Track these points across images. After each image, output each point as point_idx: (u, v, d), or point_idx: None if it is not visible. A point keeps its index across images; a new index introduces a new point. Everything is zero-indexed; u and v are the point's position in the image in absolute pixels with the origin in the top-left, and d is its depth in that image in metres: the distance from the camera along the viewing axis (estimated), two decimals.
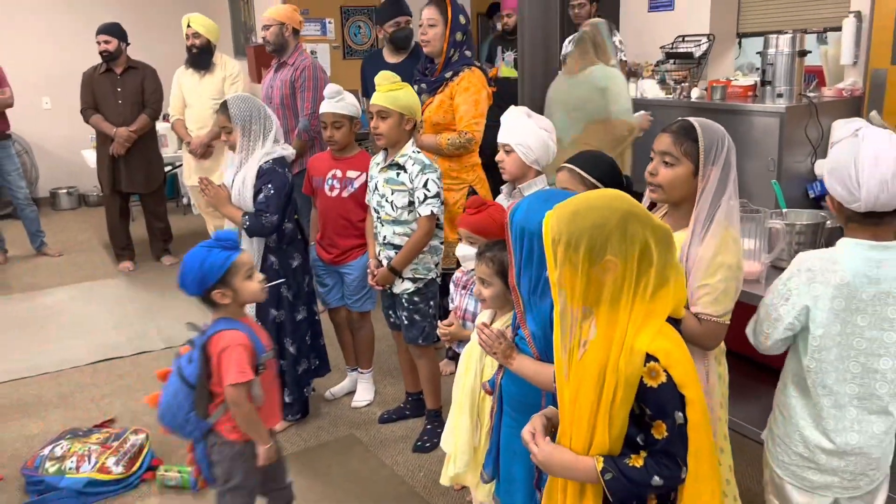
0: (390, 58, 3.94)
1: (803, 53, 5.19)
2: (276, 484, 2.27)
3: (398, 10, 4.03)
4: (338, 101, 2.99)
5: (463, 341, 2.37)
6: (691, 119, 1.77)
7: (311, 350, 3.11)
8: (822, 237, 2.55)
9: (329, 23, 7.06)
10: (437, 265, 2.85)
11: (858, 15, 5.21)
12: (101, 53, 5.07)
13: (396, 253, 2.75)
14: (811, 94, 5.30)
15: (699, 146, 1.71)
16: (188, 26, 4.87)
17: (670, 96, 5.99)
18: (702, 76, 6.41)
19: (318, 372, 3.19)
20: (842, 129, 1.69)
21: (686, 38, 6.58)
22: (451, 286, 2.53)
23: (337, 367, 3.45)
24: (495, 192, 2.96)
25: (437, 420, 3.00)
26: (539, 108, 3.62)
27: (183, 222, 6.67)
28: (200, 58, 4.90)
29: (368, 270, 2.90)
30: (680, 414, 1.29)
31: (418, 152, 2.74)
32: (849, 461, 1.68)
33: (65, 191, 7.85)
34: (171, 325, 4.32)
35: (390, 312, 2.95)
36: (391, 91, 2.70)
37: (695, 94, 5.91)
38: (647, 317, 1.30)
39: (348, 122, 3.00)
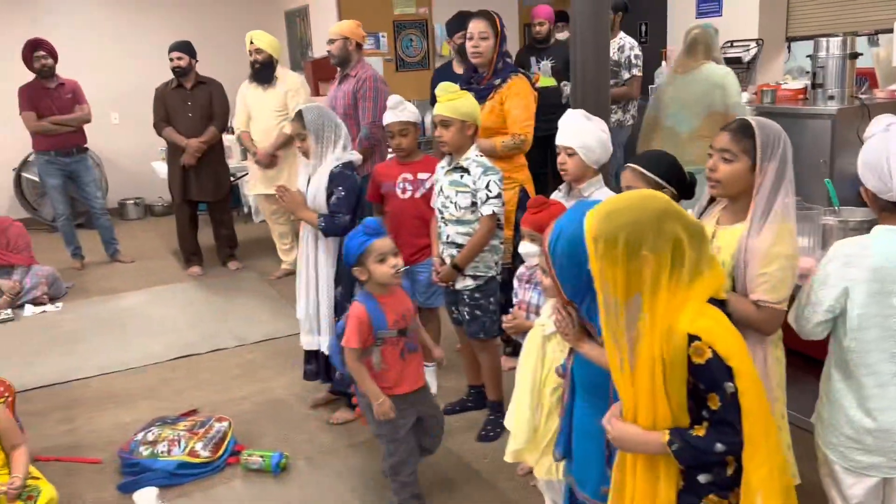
0: (459, 69, 4.13)
1: (854, 56, 5.21)
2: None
3: (465, 23, 4.22)
4: (400, 109, 3.19)
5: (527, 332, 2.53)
6: (749, 117, 1.91)
7: None
8: None
9: (382, 37, 7.30)
10: (496, 263, 3.01)
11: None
12: (173, 69, 5.38)
13: (459, 251, 2.92)
14: (863, 96, 5.31)
15: (756, 143, 1.85)
16: (251, 43, 5.15)
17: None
18: (751, 80, 6.46)
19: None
20: (874, 124, 1.81)
21: (735, 44, 6.63)
22: (515, 281, 2.69)
23: None
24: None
25: (499, 411, 3.15)
26: (592, 109, 3.82)
27: (245, 230, 6.96)
28: (263, 72, 5.17)
29: (433, 268, 3.07)
30: (730, 384, 1.42)
31: (481, 156, 2.92)
32: (894, 440, 1.78)
33: (132, 201, 8.24)
34: (241, 325, 4.57)
35: (453, 308, 3.12)
36: (451, 101, 2.88)
37: (745, 98, 5.97)
38: (685, 302, 1.44)
39: (413, 129, 3.20)
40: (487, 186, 2.84)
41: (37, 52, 5.67)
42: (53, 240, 6.67)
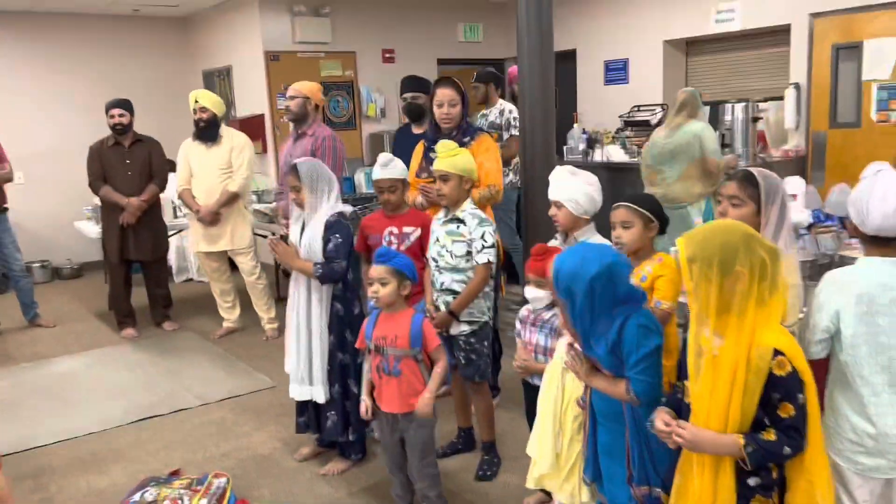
0: (418, 129, 4.35)
1: (756, 119, 5.90)
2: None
3: (408, 86, 4.48)
4: (391, 167, 3.36)
5: (537, 374, 2.73)
6: (751, 168, 2.23)
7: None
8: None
9: None
10: (489, 308, 3.20)
11: (797, 85, 5.96)
12: (114, 126, 5.30)
13: (454, 298, 3.09)
14: (762, 155, 5.99)
15: (760, 190, 2.16)
16: (195, 101, 5.18)
17: (635, 159, 6.62)
18: None
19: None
20: (868, 169, 2.18)
21: (641, 108, 7.27)
22: (518, 323, 2.89)
23: None
24: None
25: (493, 451, 3.30)
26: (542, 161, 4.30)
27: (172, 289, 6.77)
28: (208, 131, 5.20)
29: (427, 315, 3.21)
30: (801, 396, 1.68)
31: (475, 208, 3.12)
32: (891, 443, 2.08)
33: (38, 264, 7.82)
34: (198, 385, 4.49)
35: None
36: (451, 157, 3.09)
37: None
38: (767, 319, 1.70)
39: (401, 185, 3.37)
40: (482, 237, 3.05)
41: None
42: None
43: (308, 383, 3.29)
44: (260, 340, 5.35)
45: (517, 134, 5.40)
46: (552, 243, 2.98)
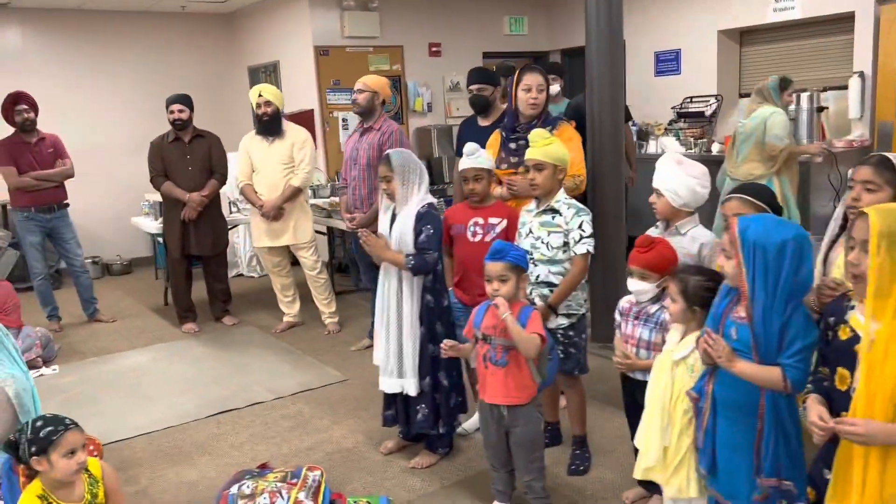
0: (484, 121, 4.30)
1: (821, 109, 5.79)
2: None
3: (474, 78, 4.42)
4: (476, 157, 3.32)
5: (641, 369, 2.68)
6: (886, 153, 2.16)
7: (458, 386, 3.35)
8: None
9: None
10: (585, 300, 3.15)
11: (861, 74, 5.84)
12: (174, 122, 5.31)
13: (550, 291, 3.05)
14: (825, 145, 5.87)
15: None
16: (259, 96, 5.17)
17: (692, 150, 6.53)
18: (713, 132, 7.00)
19: (463, 407, 3.41)
20: None
21: (694, 99, 7.18)
22: (618, 315, 2.84)
23: None
24: None
25: (584, 446, 3.26)
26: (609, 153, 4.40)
27: (235, 284, 6.80)
28: (272, 125, 5.19)
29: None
30: None
31: (570, 198, 3.08)
32: None
33: (89, 261, 7.87)
34: (268, 379, 4.48)
35: None
36: (545, 146, 3.04)
37: (715, 148, 6.49)
38: None
39: (486, 175, 3.33)
40: (580, 226, 3.00)
41: (18, 105, 5.47)
42: (21, 299, 6.29)
43: (398, 376, 3.26)
44: (322, 335, 5.34)
45: None
46: (651, 231, 2.93)
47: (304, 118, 7.40)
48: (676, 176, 2.82)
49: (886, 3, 5.67)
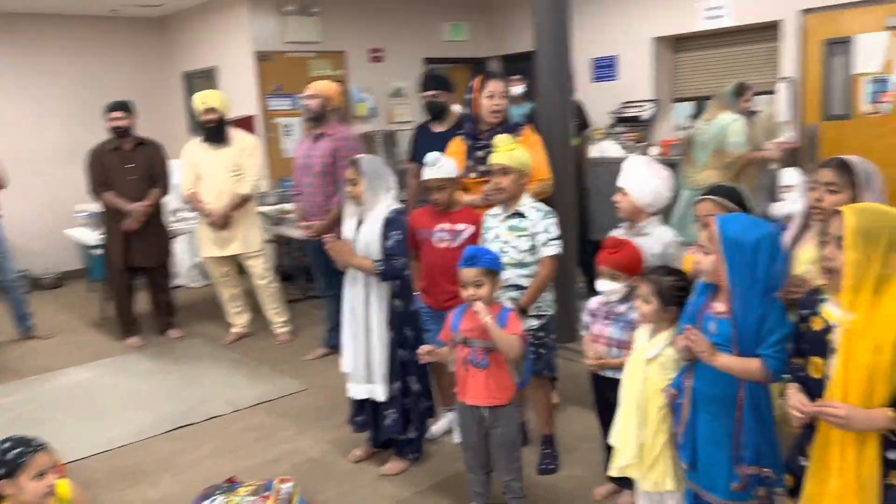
0: (439, 126, 4.32)
1: (753, 113, 6.05)
2: None
3: (429, 84, 4.43)
4: (438, 166, 3.32)
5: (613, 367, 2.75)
6: (843, 157, 2.30)
7: (428, 390, 3.36)
8: None
9: (300, 98, 7.35)
10: (553, 301, 3.22)
11: (789, 80, 6.15)
12: (114, 129, 5.14)
13: (520, 293, 3.10)
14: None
15: (856, 177, 2.23)
16: (203, 103, 5.06)
17: (631, 153, 6.73)
18: (650, 136, 7.24)
19: (432, 412, 3.43)
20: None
21: (630, 104, 7.40)
22: (587, 316, 2.91)
23: None
24: None
25: (552, 445, 3.32)
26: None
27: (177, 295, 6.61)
28: (217, 132, 5.09)
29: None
30: None
31: (535, 202, 3.14)
32: None
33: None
34: (224, 391, 4.39)
35: None
36: (510, 151, 3.09)
37: (654, 151, 6.71)
38: None
39: (450, 184, 3.34)
40: (547, 229, 3.07)
41: None
42: None
43: (367, 381, 3.25)
44: (273, 345, 5.26)
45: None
46: (616, 232, 3.02)
47: (244, 125, 7.25)
48: (644, 176, 2.92)
49: (810, 13, 5.99)
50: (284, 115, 7.29)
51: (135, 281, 5.50)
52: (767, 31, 6.37)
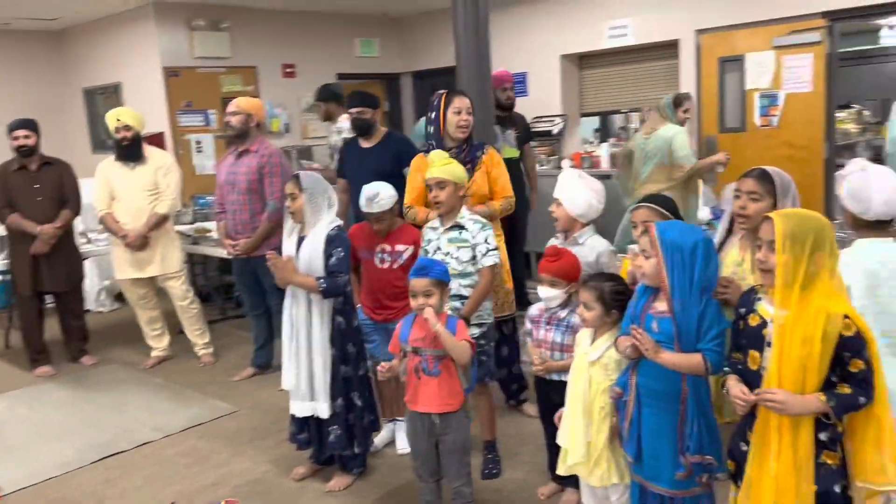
0: (366, 143, 4.36)
1: None
2: None
3: (355, 101, 4.46)
4: (376, 202, 3.34)
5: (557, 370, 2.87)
6: (765, 167, 2.50)
7: (371, 405, 3.38)
8: None
9: (212, 114, 7.23)
10: (492, 309, 3.31)
11: (688, 95, 6.52)
12: (18, 149, 4.89)
13: (462, 303, 3.18)
14: None
15: (775, 186, 2.44)
16: (117, 120, 4.90)
17: (545, 167, 6.98)
18: (560, 149, 7.52)
19: (376, 426, 3.45)
20: (852, 166, 2.51)
21: (542, 118, 7.68)
22: (528, 323, 3.02)
23: None
24: None
25: (495, 449, 3.41)
26: None
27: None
28: (132, 150, 4.93)
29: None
30: (867, 352, 1.94)
31: (473, 214, 3.23)
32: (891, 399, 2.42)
33: None
34: (151, 417, 4.25)
35: None
36: (447, 165, 3.18)
37: (566, 164, 6.98)
38: (832, 291, 1.95)
39: (388, 214, 3.39)
40: (486, 240, 3.16)
41: None
42: None
43: (310, 399, 3.24)
44: (196, 367, 5.12)
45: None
46: (552, 242, 3.16)
47: (153, 142, 7.03)
48: (576, 188, 3.07)
49: (705, 32, 6.41)
50: (196, 132, 7.13)
51: (44, 306, 5.23)
52: (667, 50, 6.76)
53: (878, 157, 9.25)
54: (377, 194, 3.35)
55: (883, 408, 1.98)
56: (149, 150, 5.05)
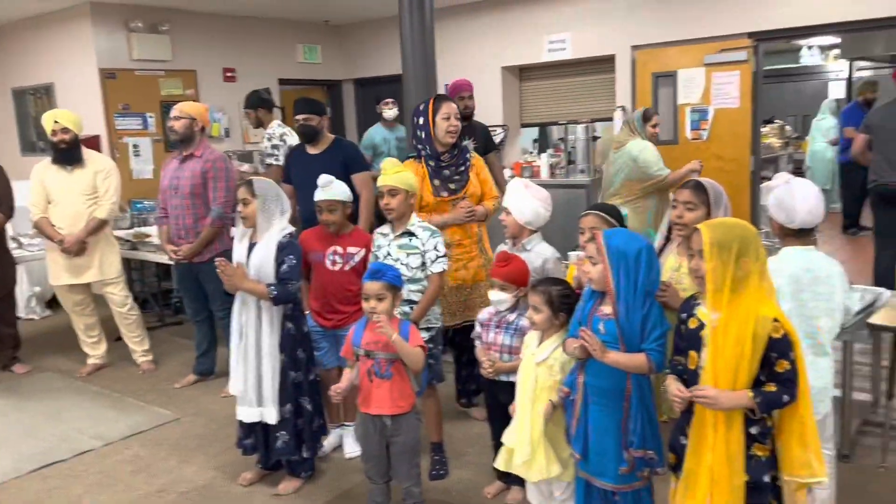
0: (313, 149, 4.38)
1: (595, 138, 6.63)
2: None
3: (301, 108, 4.48)
4: (329, 188, 3.39)
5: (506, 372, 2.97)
6: (699, 178, 2.66)
7: (320, 409, 3.41)
8: None
9: (150, 117, 7.11)
10: (441, 314, 3.40)
11: (623, 108, 6.79)
12: None
13: (411, 308, 3.25)
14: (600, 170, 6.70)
15: (709, 196, 2.60)
16: (55, 122, 4.79)
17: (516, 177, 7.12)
18: (502, 158, 7.68)
19: (324, 430, 3.48)
20: (777, 179, 2.69)
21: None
22: (478, 326, 3.12)
23: None
24: None
25: (442, 451, 3.48)
26: None
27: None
28: (71, 153, 4.83)
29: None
30: (793, 354, 2.09)
31: (422, 221, 3.31)
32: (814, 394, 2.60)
33: None
34: (90, 425, 4.17)
35: None
36: (398, 173, 3.25)
37: (507, 173, 7.13)
38: (762, 295, 2.10)
39: (341, 206, 3.44)
40: (435, 247, 3.24)
41: None
42: None
43: (258, 405, 3.25)
44: (135, 375, 5.03)
45: (277, 163, 5.24)
46: (501, 247, 3.27)
47: (88, 145, 6.85)
48: (523, 197, 3.18)
49: (639, 48, 6.67)
50: (134, 135, 7.00)
51: None
52: (604, 64, 7.00)
53: (798, 170, 9.83)
54: (331, 181, 3.39)
55: (806, 407, 2.14)
56: (88, 154, 4.95)
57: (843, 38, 9.56)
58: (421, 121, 3.69)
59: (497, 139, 7.61)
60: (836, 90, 11.12)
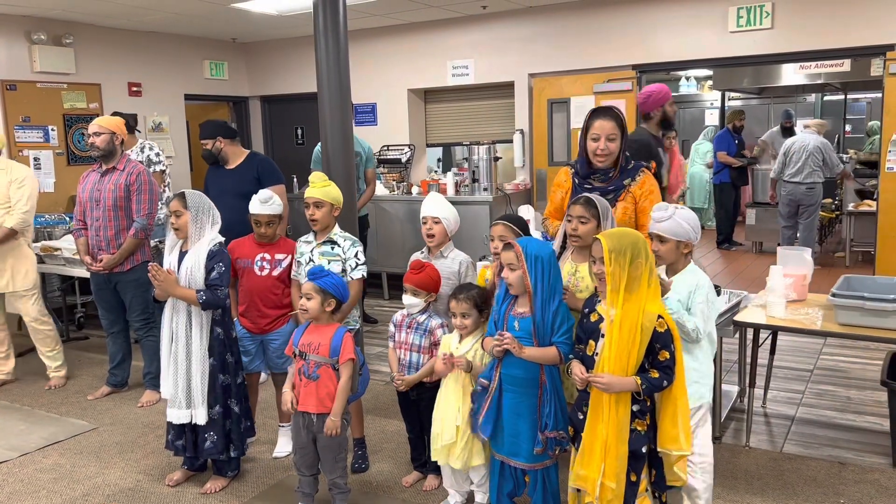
0: (227, 165, 4.59)
1: (497, 159, 7.07)
2: None
3: (200, 134, 4.66)
4: (270, 203, 3.60)
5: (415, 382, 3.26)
6: (589, 195, 3.06)
7: (248, 411, 3.59)
8: None
9: (52, 130, 7.01)
10: (360, 316, 3.65)
11: (522, 131, 7.29)
12: None
13: None
14: (500, 189, 7.16)
15: (599, 211, 3.00)
16: None
17: (395, 193, 7.45)
18: (408, 177, 8.03)
19: (252, 432, 3.65)
20: (661, 211, 3.02)
21: (391, 147, 8.15)
22: (392, 327, 3.40)
23: None
24: None
25: (363, 446, 3.73)
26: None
27: None
28: None
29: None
30: (672, 346, 2.49)
31: (344, 232, 3.58)
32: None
33: None
34: (4, 438, 4.15)
35: None
36: (324, 187, 3.51)
37: (415, 190, 7.49)
38: (651, 295, 2.50)
39: (278, 220, 3.66)
40: (356, 255, 3.52)
41: None
42: None
43: (187, 406, 3.40)
44: (42, 390, 4.98)
45: (162, 169, 5.80)
46: (416, 256, 3.57)
47: None
48: (447, 206, 3.50)
49: (536, 76, 7.19)
50: (35, 147, 6.88)
51: None
52: (504, 89, 7.48)
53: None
54: (271, 197, 3.61)
55: (680, 390, 2.55)
56: (6, 163, 4.92)
57: (715, 71, 10.54)
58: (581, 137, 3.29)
59: (404, 158, 7.97)
60: (712, 118, 12.16)
